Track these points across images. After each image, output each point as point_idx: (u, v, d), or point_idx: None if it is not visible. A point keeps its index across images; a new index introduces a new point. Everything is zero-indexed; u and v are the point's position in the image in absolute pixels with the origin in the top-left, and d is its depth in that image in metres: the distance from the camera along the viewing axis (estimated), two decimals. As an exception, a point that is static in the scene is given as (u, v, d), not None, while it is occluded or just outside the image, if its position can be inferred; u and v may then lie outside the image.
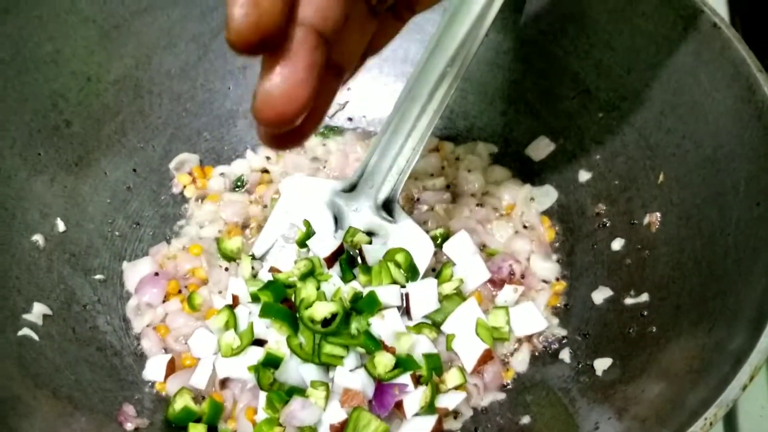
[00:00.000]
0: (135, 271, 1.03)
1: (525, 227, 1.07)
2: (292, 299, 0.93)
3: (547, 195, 1.10)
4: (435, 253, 1.00)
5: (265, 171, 1.18)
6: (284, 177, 1.15)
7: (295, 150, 1.19)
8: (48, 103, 1.02)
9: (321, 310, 0.89)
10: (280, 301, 0.93)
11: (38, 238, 0.97)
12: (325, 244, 0.99)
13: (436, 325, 0.95)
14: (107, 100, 1.08)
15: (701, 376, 0.72)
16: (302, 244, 1.01)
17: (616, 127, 1.03)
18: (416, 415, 0.88)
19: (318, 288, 0.93)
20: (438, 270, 1.01)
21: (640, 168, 0.99)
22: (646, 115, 0.99)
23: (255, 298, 0.94)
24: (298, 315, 0.90)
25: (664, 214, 0.94)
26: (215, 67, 1.16)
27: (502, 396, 0.93)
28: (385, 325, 0.91)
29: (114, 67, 1.08)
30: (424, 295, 0.95)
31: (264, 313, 0.91)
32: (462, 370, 0.91)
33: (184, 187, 1.15)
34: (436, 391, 0.89)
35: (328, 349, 0.88)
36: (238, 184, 1.16)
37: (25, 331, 0.89)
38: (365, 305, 0.91)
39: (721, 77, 0.89)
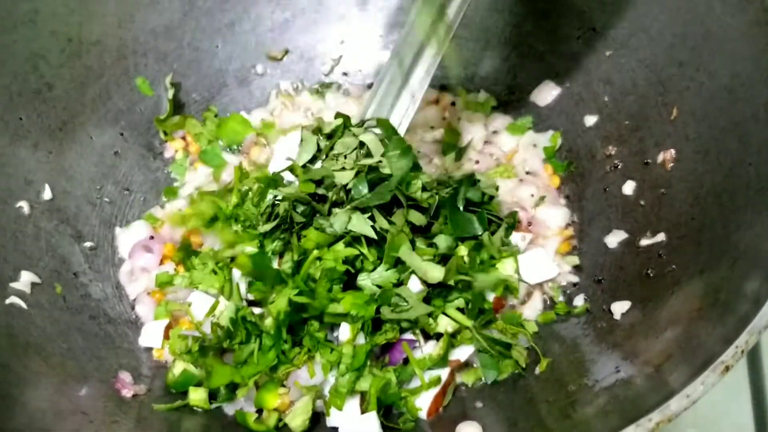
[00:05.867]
0: (129, 236, 0.99)
1: (528, 173, 1.02)
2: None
3: (550, 141, 1.05)
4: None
5: (260, 133, 1.13)
6: (280, 136, 1.10)
7: (291, 107, 1.15)
8: (28, 66, 0.97)
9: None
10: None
11: (23, 204, 0.93)
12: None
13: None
14: (90, 62, 1.03)
15: (726, 309, 0.68)
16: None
17: (625, 65, 0.98)
18: (429, 368, 0.84)
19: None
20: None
21: (651, 105, 0.94)
22: (656, 50, 0.94)
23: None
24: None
25: (679, 150, 0.89)
26: (202, 24, 1.11)
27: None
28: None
29: (96, 26, 1.03)
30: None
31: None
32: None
33: (176, 151, 1.10)
34: (449, 344, 0.85)
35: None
36: (233, 146, 1.12)
37: (12, 299, 0.85)
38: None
39: (734, 1, 0.84)
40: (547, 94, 1.07)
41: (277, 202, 0.90)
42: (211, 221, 0.95)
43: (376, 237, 0.84)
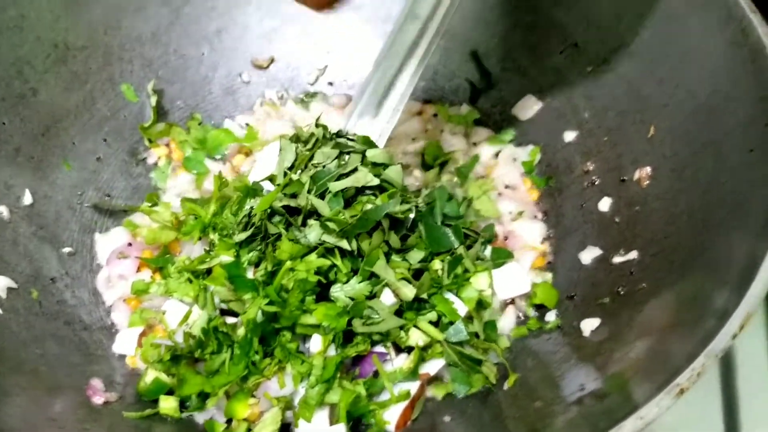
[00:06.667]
0: (107, 242, 1.00)
1: (507, 187, 1.03)
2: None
3: (529, 155, 1.05)
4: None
5: (243, 142, 1.13)
6: (263, 144, 1.10)
7: (275, 116, 1.15)
8: (12, 71, 0.98)
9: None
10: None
11: (2, 209, 0.93)
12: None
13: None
14: (75, 68, 1.04)
15: (691, 329, 0.67)
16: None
17: (605, 81, 0.98)
18: (399, 381, 0.84)
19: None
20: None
21: (630, 122, 0.94)
22: (636, 67, 0.94)
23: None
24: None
25: (655, 168, 0.89)
26: (188, 32, 1.12)
27: (486, 362, 0.89)
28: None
29: (82, 32, 1.04)
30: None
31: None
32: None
33: (159, 158, 1.11)
34: (420, 358, 0.85)
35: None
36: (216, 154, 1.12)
37: (-13, 304, 0.86)
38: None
39: (714, 22, 0.84)
40: (528, 108, 1.07)
41: (254, 213, 0.90)
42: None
43: (350, 248, 0.84)
